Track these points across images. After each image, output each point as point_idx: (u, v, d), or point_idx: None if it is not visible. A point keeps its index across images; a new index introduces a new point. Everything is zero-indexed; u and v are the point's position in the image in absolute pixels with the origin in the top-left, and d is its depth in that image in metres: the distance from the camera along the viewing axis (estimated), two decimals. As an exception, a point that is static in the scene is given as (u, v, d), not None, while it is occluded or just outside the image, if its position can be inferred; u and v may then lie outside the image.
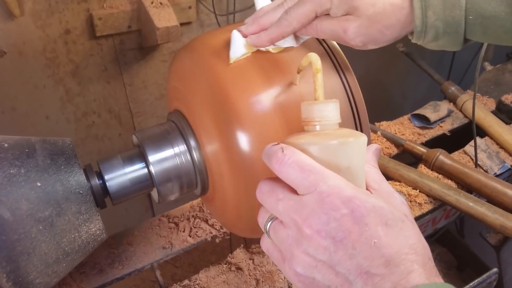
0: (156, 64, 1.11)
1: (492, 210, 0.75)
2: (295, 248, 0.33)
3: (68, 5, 0.93)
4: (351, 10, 0.44)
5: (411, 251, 0.31)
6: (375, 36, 0.45)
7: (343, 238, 0.31)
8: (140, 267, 0.68)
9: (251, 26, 0.48)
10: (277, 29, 0.46)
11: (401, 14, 0.44)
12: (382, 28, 0.44)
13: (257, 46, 0.48)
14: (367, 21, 0.44)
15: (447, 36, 0.44)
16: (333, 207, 0.31)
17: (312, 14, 0.45)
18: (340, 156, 0.34)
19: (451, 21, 0.43)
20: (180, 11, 1.02)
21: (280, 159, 0.33)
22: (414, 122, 0.98)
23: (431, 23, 0.43)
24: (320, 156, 0.34)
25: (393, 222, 0.32)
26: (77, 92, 1.05)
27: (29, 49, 0.94)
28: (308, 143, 0.34)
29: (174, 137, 0.53)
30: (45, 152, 0.48)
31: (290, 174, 0.33)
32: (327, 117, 0.36)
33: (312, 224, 0.32)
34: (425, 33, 0.44)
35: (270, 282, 0.68)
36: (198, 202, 0.76)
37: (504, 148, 0.91)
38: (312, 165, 0.33)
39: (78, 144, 1.12)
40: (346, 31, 0.45)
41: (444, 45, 0.46)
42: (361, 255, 0.30)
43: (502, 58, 1.27)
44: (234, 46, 0.48)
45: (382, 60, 1.51)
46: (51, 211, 0.45)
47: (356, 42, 0.46)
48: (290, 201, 0.33)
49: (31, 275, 0.45)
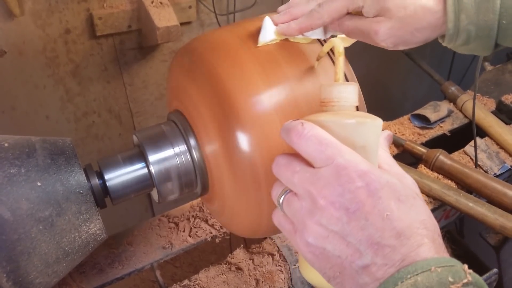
0: (156, 64, 1.11)
1: (492, 210, 0.75)
2: (307, 219, 0.33)
3: (68, 5, 0.93)
4: (383, 11, 0.44)
5: (422, 226, 0.32)
6: (406, 38, 0.45)
7: (356, 209, 0.32)
8: (140, 267, 0.68)
9: (283, 15, 0.50)
10: (307, 20, 0.47)
11: (432, 17, 0.44)
12: (413, 30, 0.45)
13: (286, 34, 0.49)
14: (398, 23, 0.44)
15: (478, 40, 0.44)
16: (348, 179, 0.32)
17: (344, 10, 0.46)
18: (356, 135, 0.35)
19: (484, 25, 0.43)
20: (180, 10, 1.02)
21: (300, 132, 0.34)
22: (414, 122, 0.98)
23: (464, 27, 0.43)
24: (338, 133, 0.35)
25: (405, 198, 0.32)
26: (77, 91, 1.05)
27: (29, 48, 0.94)
28: (327, 120, 0.36)
29: (174, 137, 0.53)
30: (45, 151, 0.48)
31: (308, 147, 0.34)
32: (345, 99, 0.38)
33: (327, 195, 0.32)
34: (457, 37, 0.44)
35: (270, 282, 0.68)
36: (198, 202, 0.76)
37: (504, 149, 0.91)
38: (330, 140, 0.34)
39: (78, 144, 1.12)
40: (377, 32, 0.45)
41: (474, 49, 0.46)
42: (373, 226, 0.31)
43: (502, 58, 1.27)
44: (264, 30, 0.49)
45: (383, 60, 1.51)
46: (51, 211, 0.45)
47: (387, 43, 0.46)
48: (306, 174, 0.34)
49: (31, 275, 0.45)
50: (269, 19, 0.50)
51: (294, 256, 0.71)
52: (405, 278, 0.29)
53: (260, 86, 0.46)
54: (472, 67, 1.56)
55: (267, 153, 0.46)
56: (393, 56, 1.33)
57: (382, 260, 0.31)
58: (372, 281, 0.31)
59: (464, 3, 0.42)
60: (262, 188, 0.47)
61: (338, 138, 0.34)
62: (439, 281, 0.29)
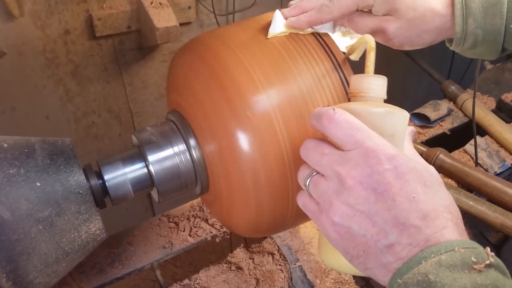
0: (155, 64, 1.11)
1: (492, 209, 0.75)
2: (334, 198, 0.34)
3: (67, 6, 0.93)
4: (392, 11, 0.45)
5: (446, 210, 0.32)
6: (412, 38, 0.46)
7: (384, 190, 0.32)
8: (140, 266, 0.68)
9: (293, 9, 0.50)
10: (317, 14, 0.48)
11: (440, 21, 0.45)
12: (420, 32, 0.45)
13: (296, 27, 0.49)
14: (406, 23, 0.45)
15: (485, 44, 0.45)
16: (377, 161, 0.33)
17: (354, 7, 0.47)
18: (385, 124, 0.36)
19: (491, 29, 0.43)
20: (179, 11, 1.02)
21: (331, 116, 0.35)
22: (414, 121, 0.98)
23: (471, 31, 0.44)
24: (367, 120, 0.36)
25: (430, 183, 0.33)
26: (77, 92, 1.05)
27: (29, 49, 0.94)
28: (357, 108, 0.37)
29: (173, 137, 0.53)
30: (44, 152, 0.48)
31: (339, 131, 0.35)
32: (374, 90, 0.39)
33: (355, 176, 0.33)
34: (464, 40, 0.45)
35: (270, 281, 0.68)
36: (198, 202, 0.76)
37: (504, 147, 0.91)
38: (360, 125, 0.35)
39: (78, 144, 1.12)
40: (385, 31, 0.46)
41: (481, 53, 0.46)
42: (400, 207, 0.32)
43: (502, 57, 1.26)
44: (274, 23, 0.50)
45: (383, 59, 1.50)
46: (51, 211, 0.45)
47: (394, 43, 0.47)
48: (335, 156, 0.35)
49: (31, 275, 0.45)
50: (279, 12, 0.50)
51: (294, 255, 0.71)
52: (429, 257, 0.30)
53: (260, 85, 0.46)
54: (472, 65, 1.56)
55: (267, 153, 0.46)
56: (393, 56, 1.33)
57: (407, 240, 0.31)
58: (396, 260, 0.31)
59: (471, 7, 0.43)
60: (262, 187, 0.47)
61: (367, 125, 0.35)
62: (462, 261, 0.29)
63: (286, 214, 0.50)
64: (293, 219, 0.52)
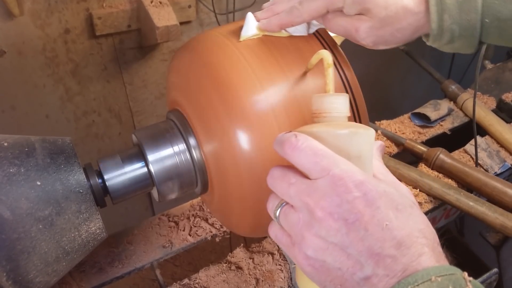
0: (155, 63, 1.11)
1: (492, 209, 0.75)
2: (306, 231, 0.33)
3: (67, 5, 0.93)
4: (364, 11, 0.45)
5: (421, 235, 0.31)
6: (386, 38, 0.45)
7: (355, 220, 0.31)
8: (140, 266, 0.68)
9: (265, 12, 0.50)
10: (287, 17, 0.48)
11: (413, 19, 0.44)
12: (394, 31, 0.45)
13: (267, 30, 0.49)
14: (378, 23, 0.44)
15: (462, 39, 0.44)
16: (346, 189, 0.32)
17: (323, 10, 0.46)
18: (350, 145, 0.35)
19: (467, 24, 0.43)
20: (179, 10, 1.02)
21: (293, 144, 0.34)
22: (414, 121, 0.98)
23: (447, 27, 0.43)
24: (332, 143, 0.35)
25: (403, 207, 0.32)
26: (77, 91, 1.05)
27: (29, 48, 0.94)
28: (320, 131, 0.36)
29: (173, 136, 0.53)
30: (44, 151, 0.48)
31: (303, 159, 0.34)
32: (337, 109, 0.38)
33: (324, 206, 0.32)
34: (441, 36, 0.45)
35: (270, 281, 0.68)
36: (198, 201, 0.76)
37: (505, 147, 0.91)
38: (324, 151, 0.34)
39: (78, 143, 1.12)
40: (358, 30, 0.45)
41: (459, 47, 0.46)
42: (373, 237, 0.31)
43: (503, 56, 1.27)
44: (246, 25, 0.50)
45: (382, 58, 1.51)
46: (51, 210, 0.45)
47: (367, 42, 0.46)
48: (303, 185, 0.34)
49: (31, 274, 0.45)
50: (251, 14, 0.50)
51: (294, 255, 0.71)
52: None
53: (260, 84, 0.46)
54: (472, 65, 1.56)
55: (267, 152, 0.46)
56: (393, 55, 1.33)
57: (383, 271, 0.30)
58: None
59: (446, 3, 0.42)
60: (262, 187, 0.47)
61: (332, 149, 0.34)
62: None
63: (286, 214, 0.50)
64: (293, 218, 0.52)
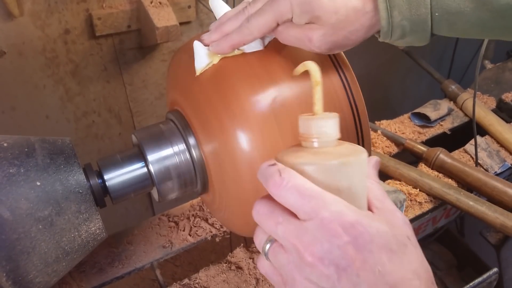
0: (155, 63, 1.11)
1: (493, 209, 0.75)
2: (296, 274, 0.32)
3: (67, 5, 0.93)
4: (314, 19, 0.43)
5: (415, 277, 0.31)
6: (340, 42, 0.45)
7: (346, 266, 0.30)
8: (140, 266, 0.68)
9: (213, 34, 0.49)
10: (237, 36, 0.47)
11: (364, 19, 0.43)
12: (347, 33, 0.44)
13: (219, 53, 0.48)
14: (331, 29, 0.43)
15: (414, 33, 0.44)
16: (335, 234, 0.30)
17: (273, 24, 0.45)
18: (340, 177, 0.33)
19: (417, 19, 0.43)
20: (179, 10, 1.02)
21: (278, 183, 0.32)
22: (414, 121, 0.98)
23: (397, 23, 0.43)
24: (320, 177, 0.32)
25: (397, 247, 0.31)
26: (77, 91, 1.05)
27: (29, 49, 0.94)
28: (307, 163, 0.33)
29: (173, 136, 0.53)
30: (44, 151, 0.48)
31: (289, 199, 0.32)
32: (326, 134, 0.34)
33: (314, 252, 0.31)
34: (391, 33, 0.44)
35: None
36: (198, 201, 0.76)
37: (505, 147, 0.91)
38: (311, 190, 0.32)
39: (78, 143, 1.12)
40: (311, 40, 0.44)
41: (411, 41, 0.46)
42: (365, 283, 0.30)
43: (502, 56, 1.27)
44: (197, 57, 0.49)
45: (382, 59, 1.51)
46: (51, 211, 0.45)
47: (322, 50, 0.45)
48: (290, 226, 0.32)
49: (31, 274, 0.45)
50: (198, 43, 0.49)
51: (294, 255, 0.71)
52: None
53: (260, 84, 0.46)
54: (472, 65, 1.56)
55: (267, 152, 0.46)
56: (393, 55, 1.33)
57: None
58: None
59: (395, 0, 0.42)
60: (262, 187, 0.47)
61: (320, 183, 0.32)
62: None
63: (286, 214, 0.50)
64: (293, 218, 0.52)
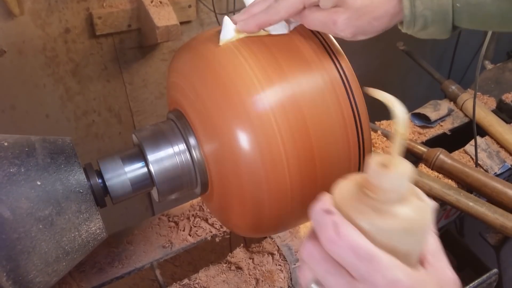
0: (156, 63, 1.11)
1: (492, 209, 0.75)
2: None
3: (67, 4, 0.92)
4: (340, 3, 0.45)
5: None
6: (364, 27, 0.46)
7: None
8: (140, 266, 0.68)
9: (242, 14, 0.51)
10: (264, 16, 0.48)
11: (389, 5, 0.45)
12: (371, 19, 0.45)
13: (245, 31, 0.49)
14: (355, 13, 0.45)
15: (435, 24, 0.45)
16: None
17: (300, 5, 0.47)
18: (401, 241, 0.30)
19: (439, 9, 0.44)
20: (180, 10, 1.02)
21: (333, 240, 0.30)
22: (414, 121, 0.98)
23: (420, 12, 0.44)
24: (379, 238, 0.30)
25: None
26: (77, 91, 1.05)
27: (29, 48, 0.94)
28: (369, 222, 0.30)
29: (173, 136, 0.53)
30: (45, 151, 0.48)
31: (343, 257, 0.30)
32: (397, 192, 0.31)
33: None
34: (414, 23, 0.45)
35: (270, 281, 0.68)
36: (198, 201, 0.76)
37: (505, 148, 0.91)
38: (367, 250, 0.30)
39: (78, 143, 1.12)
40: (336, 23, 0.45)
41: (433, 33, 0.47)
42: None
43: (503, 56, 1.27)
44: (224, 29, 0.50)
45: (382, 59, 1.51)
46: (51, 210, 0.45)
47: (346, 34, 0.46)
48: (342, 280, 0.31)
49: (31, 274, 0.45)
50: (228, 18, 0.51)
51: (294, 255, 0.71)
52: None
53: (260, 84, 0.46)
54: (472, 65, 1.56)
55: (267, 152, 0.46)
56: (393, 55, 1.33)
57: None
58: None
59: None
60: (262, 187, 0.47)
61: (378, 243, 0.30)
62: None
63: (286, 214, 0.50)
64: (293, 219, 0.52)
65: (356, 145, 0.49)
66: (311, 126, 0.47)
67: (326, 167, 0.48)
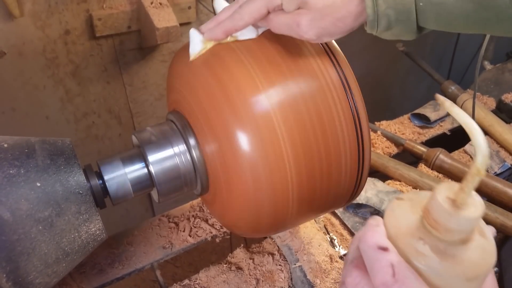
0: (155, 64, 1.11)
1: (493, 209, 0.75)
2: None
3: (67, 6, 0.93)
4: (302, 4, 0.45)
5: None
6: (329, 28, 0.45)
7: None
8: (140, 267, 0.68)
9: (208, 23, 0.51)
10: (230, 22, 0.49)
11: (351, 5, 0.44)
12: (335, 20, 0.45)
13: (213, 39, 0.50)
14: (318, 14, 0.44)
15: (400, 24, 0.44)
16: None
17: (263, 10, 0.47)
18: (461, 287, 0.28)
19: (402, 8, 0.43)
20: (179, 11, 1.02)
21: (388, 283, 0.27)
22: (414, 121, 0.98)
23: (383, 12, 0.43)
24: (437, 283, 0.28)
25: None
26: (77, 92, 1.05)
27: (29, 49, 0.94)
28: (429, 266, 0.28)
29: (173, 137, 0.53)
30: (44, 152, 0.48)
31: None
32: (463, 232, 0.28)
33: None
34: (377, 22, 0.44)
35: (270, 281, 0.68)
36: (198, 202, 0.76)
37: (504, 147, 0.91)
38: None
39: (78, 144, 1.12)
40: (299, 24, 0.45)
41: (398, 34, 0.46)
42: None
43: (502, 57, 1.27)
44: (192, 43, 0.50)
45: (382, 59, 1.51)
46: (51, 211, 0.45)
47: (310, 36, 0.46)
48: None
49: (31, 275, 0.45)
50: (194, 30, 0.51)
51: (294, 255, 0.71)
52: None
53: (260, 85, 0.47)
54: (471, 66, 1.56)
55: (267, 153, 0.46)
56: (393, 56, 1.33)
57: None
58: None
59: None
60: (262, 187, 0.47)
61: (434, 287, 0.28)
62: None
63: (286, 214, 0.50)
64: (293, 219, 0.52)
65: (356, 145, 0.49)
66: (311, 127, 0.47)
67: (326, 167, 0.48)
